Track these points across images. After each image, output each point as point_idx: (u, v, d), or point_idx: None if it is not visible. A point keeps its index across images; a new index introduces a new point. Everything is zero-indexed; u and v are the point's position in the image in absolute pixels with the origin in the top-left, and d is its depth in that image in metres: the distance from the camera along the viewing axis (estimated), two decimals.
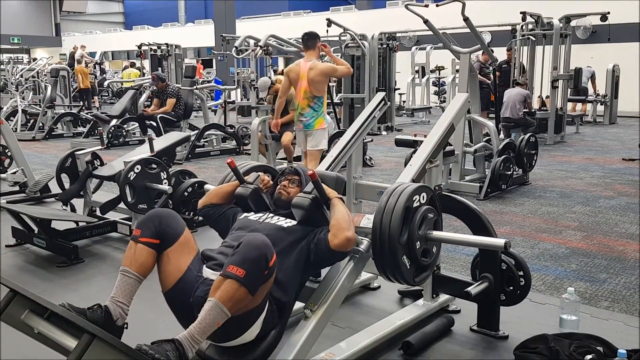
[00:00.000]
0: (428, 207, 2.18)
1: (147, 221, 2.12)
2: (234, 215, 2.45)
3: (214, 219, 2.49)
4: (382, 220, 2.08)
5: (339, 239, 2.09)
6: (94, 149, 4.58)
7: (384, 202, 2.13)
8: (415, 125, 12.64)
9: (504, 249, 2.09)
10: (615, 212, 5.02)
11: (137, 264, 2.06)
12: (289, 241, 2.18)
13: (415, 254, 2.11)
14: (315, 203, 2.24)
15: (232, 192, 2.50)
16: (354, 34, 10.21)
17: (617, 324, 2.81)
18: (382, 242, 2.07)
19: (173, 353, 1.80)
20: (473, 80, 5.85)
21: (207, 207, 2.51)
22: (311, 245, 2.18)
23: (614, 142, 9.71)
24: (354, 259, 2.24)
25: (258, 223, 2.30)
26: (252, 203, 2.44)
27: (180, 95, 8.56)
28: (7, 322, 1.79)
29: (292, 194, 2.38)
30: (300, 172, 2.49)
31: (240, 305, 1.89)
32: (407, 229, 2.09)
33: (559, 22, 9.40)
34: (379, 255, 2.11)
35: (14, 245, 4.07)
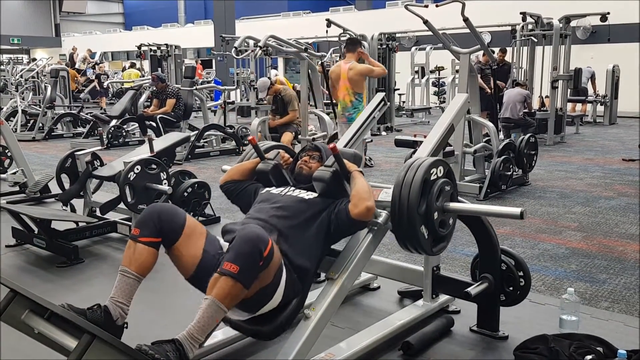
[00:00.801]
0: (445, 180, 2.26)
1: (146, 219, 2.11)
2: (255, 191, 2.55)
3: (235, 195, 2.60)
4: (401, 192, 2.17)
5: (359, 209, 2.18)
6: (94, 149, 4.58)
7: (402, 175, 2.22)
8: (415, 126, 12.64)
9: (519, 217, 2.17)
10: (615, 213, 5.02)
11: (136, 264, 2.05)
12: (311, 212, 2.28)
13: (433, 224, 2.20)
14: (335, 176, 2.33)
15: (253, 169, 2.61)
16: (354, 34, 10.21)
17: (617, 324, 2.81)
18: (401, 212, 2.16)
19: (173, 353, 1.81)
20: (473, 81, 5.84)
21: (229, 183, 2.62)
22: (332, 216, 2.27)
23: (614, 142, 9.71)
24: (373, 231, 2.31)
25: (280, 196, 2.39)
26: (273, 178, 2.55)
27: (180, 96, 8.56)
28: (8, 322, 1.79)
29: (313, 169, 2.47)
30: (321, 148, 2.59)
31: (237, 300, 1.92)
32: (425, 201, 2.18)
33: (559, 22, 9.40)
34: (398, 226, 2.19)
35: (14, 246, 4.07)
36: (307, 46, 7.29)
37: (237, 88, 13.12)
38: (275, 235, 2.18)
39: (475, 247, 2.75)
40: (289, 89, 7.49)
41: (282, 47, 7.42)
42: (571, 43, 9.91)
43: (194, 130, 8.89)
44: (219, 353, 2.46)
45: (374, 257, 2.84)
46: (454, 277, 2.90)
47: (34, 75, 13.84)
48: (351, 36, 6.38)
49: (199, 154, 8.36)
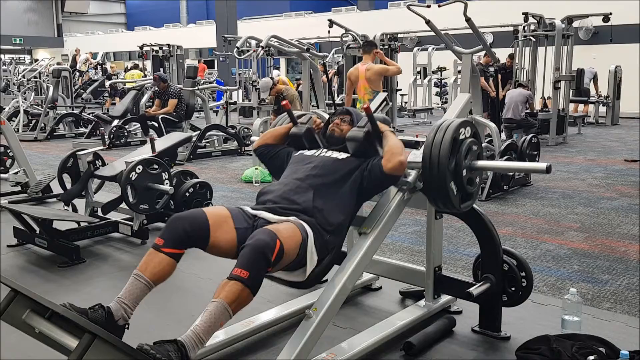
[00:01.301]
0: (472, 140, 2.37)
1: (172, 232, 2.11)
2: (287, 154, 2.66)
3: (268, 158, 2.72)
4: (431, 150, 2.28)
5: (392, 163, 2.29)
6: (96, 149, 4.58)
7: (432, 135, 2.32)
8: (417, 126, 12.64)
9: (545, 172, 2.26)
10: (617, 213, 5.01)
11: (152, 272, 2.06)
12: (344, 171, 2.40)
13: (462, 181, 2.32)
14: (368, 136, 2.45)
15: (285, 134, 2.73)
16: (356, 35, 10.21)
17: (620, 325, 2.80)
18: (432, 169, 2.27)
19: (175, 353, 1.80)
20: (475, 81, 5.83)
21: (263, 146, 2.74)
22: (364, 173, 2.38)
23: (616, 143, 9.69)
24: (402, 190, 2.42)
25: (314, 157, 2.51)
26: (306, 141, 2.65)
27: (182, 96, 8.56)
28: (9, 321, 1.79)
29: (344, 131, 2.57)
30: (352, 111, 2.70)
31: (243, 306, 1.95)
32: (454, 159, 2.29)
33: (561, 23, 9.39)
34: (429, 182, 2.31)
35: (15, 246, 4.07)
36: (309, 46, 7.29)
37: (239, 88, 13.12)
38: (312, 193, 2.31)
39: (477, 247, 2.74)
40: (291, 89, 7.50)
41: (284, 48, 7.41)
42: (573, 43, 9.89)
43: (195, 130, 8.89)
44: (220, 353, 2.45)
45: (376, 257, 2.84)
46: (456, 278, 2.89)
47: (36, 75, 13.85)
48: (367, 39, 7.09)
49: (201, 154, 8.36)
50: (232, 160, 8.18)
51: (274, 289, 3.02)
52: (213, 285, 2.35)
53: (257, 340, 2.59)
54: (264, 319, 2.68)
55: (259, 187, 6.18)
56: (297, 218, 2.23)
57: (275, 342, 2.58)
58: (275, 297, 3.01)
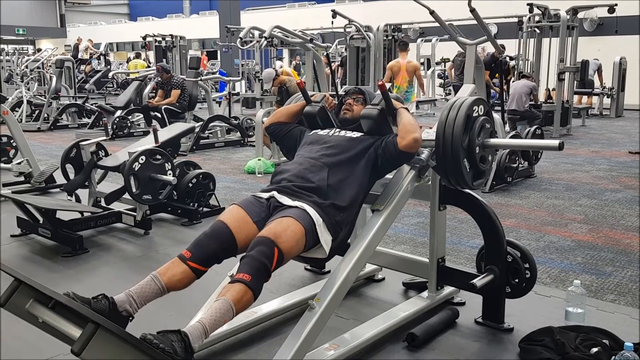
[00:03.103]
0: (485, 118, 2.40)
1: (202, 250, 2.14)
2: (300, 134, 2.66)
3: (281, 137, 2.71)
4: (445, 127, 2.31)
5: (407, 140, 2.30)
6: (99, 139, 4.58)
7: (445, 113, 2.35)
8: (420, 118, 12.60)
9: (558, 149, 2.24)
10: (621, 205, 5.00)
11: (169, 279, 2.08)
12: (359, 148, 2.41)
13: (475, 158, 2.35)
14: (382, 113, 2.47)
15: (299, 112, 2.73)
16: (359, 26, 10.15)
17: (623, 317, 2.79)
18: (445, 146, 2.30)
19: (178, 344, 1.81)
20: (479, 72, 5.80)
21: (275, 124, 2.72)
22: (379, 150, 2.40)
23: (620, 135, 9.65)
24: (415, 168, 2.45)
25: (328, 136, 2.52)
26: (320, 120, 2.66)
27: (185, 87, 8.54)
28: (12, 311, 1.79)
29: (356, 112, 2.58)
30: (365, 91, 2.69)
31: (245, 307, 2.00)
32: (467, 136, 2.32)
33: (566, 14, 9.32)
34: (442, 159, 2.34)
35: (19, 235, 4.08)
36: (312, 37, 7.26)
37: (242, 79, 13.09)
38: (326, 171, 2.33)
39: (481, 238, 2.73)
40: (294, 80, 7.46)
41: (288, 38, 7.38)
42: (578, 35, 9.82)
43: (198, 121, 8.88)
44: (223, 343, 2.46)
45: (379, 248, 2.84)
46: (459, 269, 2.88)
47: (39, 65, 13.83)
48: (403, 39, 9.18)
49: (204, 145, 8.34)
50: (235, 152, 8.18)
51: (277, 280, 3.02)
52: (216, 277, 2.36)
53: (260, 331, 2.59)
54: (267, 309, 2.68)
55: (262, 178, 6.18)
56: (308, 200, 2.25)
57: (278, 333, 2.58)
58: (278, 288, 3.01)
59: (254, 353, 2.43)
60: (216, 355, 2.39)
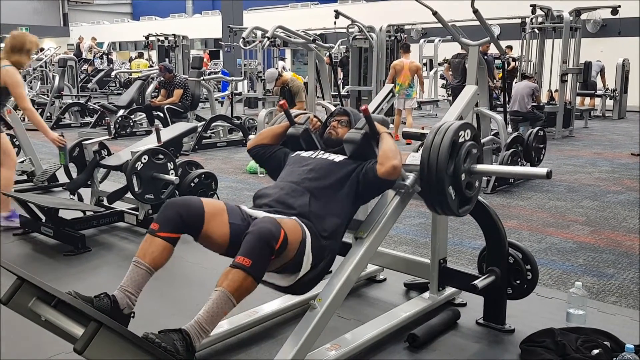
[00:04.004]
0: (472, 143, 2.32)
1: (166, 216, 2.11)
2: (284, 155, 2.59)
3: (264, 159, 2.65)
4: (430, 153, 2.23)
5: (386, 167, 2.23)
6: (102, 138, 4.59)
7: (431, 138, 2.27)
8: (423, 119, 12.60)
9: (546, 177, 2.18)
10: (623, 207, 4.99)
11: (150, 257, 2.06)
12: (341, 174, 2.34)
13: (461, 185, 2.27)
14: (365, 138, 2.39)
15: (282, 133, 2.66)
16: (362, 26, 10.16)
17: (625, 319, 2.79)
18: (430, 173, 2.22)
19: (180, 342, 1.81)
20: (482, 73, 5.80)
21: (259, 146, 2.65)
22: (360, 176, 2.33)
23: (623, 136, 9.64)
24: (400, 193, 2.37)
25: (311, 159, 2.45)
26: (304, 142, 2.59)
27: (187, 86, 8.56)
28: (15, 309, 1.80)
29: (340, 134, 2.51)
30: (349, 112, 2.62)
31: (247, 294, 1.93)
32: (453, 162, 2.24)
33: (569, 15, 9.32)
34: (427, 186, 2.26)
35: (21, 234, 4.09)
36: (315, 37, 7.26)
37: (245, 79, 13.10)
38: (308, 197, 2.27)
39: (482, 240, 2.74)
40: (296, 80, 7.47)
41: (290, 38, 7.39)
42: (581, 36, 9.82)
43: (201, 121, 8.89)
44: (224, 343, 2.46)
45: (381, 248, 2.84)
46: (461, 270, 2.88)
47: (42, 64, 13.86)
48: (405, 41, 10.02)
49: (206, 145, 8.36)
50: (237, 151, 8.18)
51: None
52: (217, 275, 2.36)
53: (262, 331, 2.60)
54: (268, 309, 2.68)
55: (264, 178, 6.19)
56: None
57: (280, 333, 2.58)
58: None
59: (255, 353, 2.44)
60: (218, 355, 2.40)
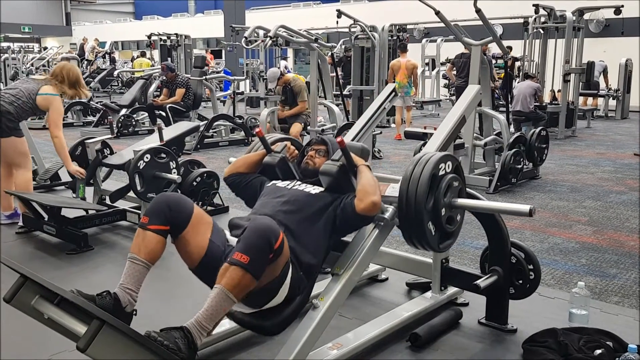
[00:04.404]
0: (453, 176, 2.23)
1: (155, 208, 2.11)
2: (261, 184, 2.51)
3: (240, 187, 2.56)
4: (408, 188, 2.14)
5: (365, 203, 2.13)
6: (104, 137, 4.59)
7: (410, 170, 2.18)
8: (425, 118, 12.59)
9: (528, 215, 2.10)
10: (626, 207, 4.98)
11: (145, 251, 2.06)
12: (317, 207, 2.24)
13: (441, 220, 2.17)
14: (342, 170, 2.29)
15: (259, 162, 2.58)
16: (364, 26, 10.16)
17: (627, 319, 2.79)
18: (408, 208, 2.13)
19: (182, 340, 1.82)
20: (484, 73, 5.80)
21: (234, 175, 2.56)
22: (337, 211, 2.23)
23: (626, 137, 9.62)
24: (379, 226, 2.27)
25: (286, 189, 2.36)
26: (280, 171, 2.52)
27: (190, 86, 8.57)
28: (18, 307, 1.81)
29: (318, 164, 2.42)
30: (327, 141, 2.53)
31: (247, 291, 1.91)
32: (432, 196, 2.15)
33: (572, 15, 9.30)
34: (405, 221, 2.16)
35: (24, 232, 4.09)
36: (317, 37, 7.26)
37: (247, 78, 13.10)
38: (282, 230, 2.10)
39: (485, 239, 2.73)
40: (298, 80, 7.47)
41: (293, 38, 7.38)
42: (584, 36, 9.80)
43: (203, 120, 8.89)
44: (227, 341, 2.46)
45: (383, 248, 2.83)
46: (463, 270, 2.88)
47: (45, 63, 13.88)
48: (402, 41, 10.41)
49: (208, 144, 8.36)
50: (239, 150, 8.18)
51: None
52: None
53: None
54: None
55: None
56: None
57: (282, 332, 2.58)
58: None
59: (257, 351, 2.44)
60: (220, 354, 2.40)
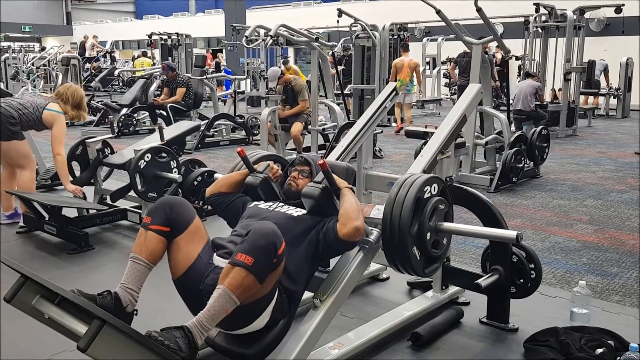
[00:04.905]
0: (439, 199, 2.15)
1: (158, 209, 2.11)
2: (243, 205, 2.43)
3: (222, 208, 2.48)
4: (392, 211, 2.06)
5: (348, 229, 2.06)
6: (105, 137, 4.59)
7: (394, 192, 2.10)
8: (426, 117, 12.58)
9: (515, 242, 2.06)
10: (627, 206, 4.98)
11: (147, 251, 2.05)
12: (299, 230, 2.16)
13: (426, 245, 2.09)
14: (325, 193, 2.22)
15: (241, 181, 2.49)
16: (365, 25, 10.14)
17: (628, 318, 2.79)
18: (392, 232, 2.05)
19: (182, 340, 1.81)
20: (485, 72, 5.79)
21: (216, 195, 2.49)
22: (320, 235, 2.16)
23: (627, 135, 9.61)
24: (364, 249, 2.22)
25: (268, 212, 2.28)
26: (262, 192, 2.43)
27: (190, 85, 8.56)
28: (19, 307, 1.80)
29: (301, 186, 2.33)
30: (311, 162, 2.44)
31: (249, 293, 1.88)
32: (417, 220, 2.07)
33: (573, 14, 9.29)
34: (389, 246, 2.09)
35: (24, 232, 4.09)
36: (318, 36, 7.25)
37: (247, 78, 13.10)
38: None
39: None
40: (299, 79, 7.46)
41: (293, 37, 7.37)
42: (585, 35, 9.79)
43: (204, 119, 8.89)
44: None
45: None
46: (464, 269, 2.89)
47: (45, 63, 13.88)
48: (405, 41, 10.86)
49: (209, 143, 8.37)
50: None
51: None
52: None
53: None
54: None
55: None
56: None
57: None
58: None
59: None
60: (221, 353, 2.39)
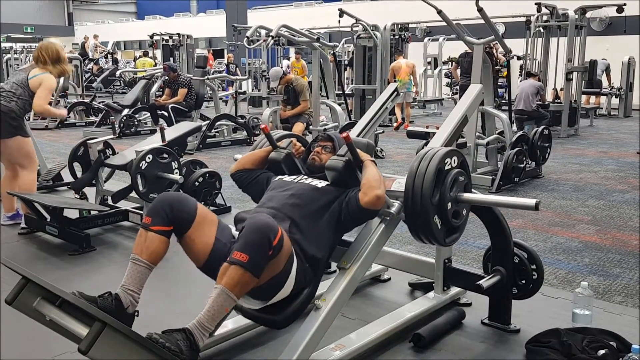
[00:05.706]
0: (459, 170, 2.25)
1: (158, 208, 2.10)
2: (267, 179, 2.53)
3: (247, 184, 2.58)
4: (414, 182, 2.16)
5: (369, 197, 2.15)
6: (106, 138, 4.59)
7: (416, 164, 2.20)
8: (427, 117, 12.58)
9: (535, 209, 2.15)
10: (629, 206, 4.97)
11: (147, 252, 2.05)
12: (323, 201, 2.27)
13: (447, 214, 2.20)
14: (348, 165, 2.31)
15: (265, 158, 2.59)
16: (366, 25, 10.15)
17: (631, 319, 2.78)
18: (414, 202, 2.15)
19: (184, 342, 1.81)
20: (486, 72, 5.79)
21: (241, 172, 2.59)
22: (342, 205, 2.25)
23: (629, 135, 9.60)
24: (385, 221, 2.29)
25: (293, 183, 2.38)
26: (286, 167, 2.53)
27: (192, 86, 8.57)
28: (20, 309, 1.80)
29: (324, 160, 2.43)
30: (334, 137, 2.55)
31: (247, 289, 1.92)
32: (438, 191, 2.17)
33: (575, 13, 9.27)
34: (411, 216, 2.19)
35: (26, 233, 4.09)
36: (319, 36, 7.25)
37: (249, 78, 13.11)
38: (288, 223, 2.17)
39: (488, 239, 2.73)
40: (300, 79, 7.47)
41: (295, 37, 7.38)
42: (586, 34, 9.77)
43: (205, 120, 8.90)
44: (229, 342, 2.46)
45: (385, 248, 2.83)
46: (466, 270, 2.88)
47: None
48: (399, 45, 11.24)
49: (210, 144, 8.37)
50: (242, 150, 8.18)
51: None
52: None
53: (266, 330, 2.59)
54: None
55: None
56: None
57: (284, 333, 2.56)
58: None
59: (259, 352, 2.43)
60: (222, 354, 2.40)
